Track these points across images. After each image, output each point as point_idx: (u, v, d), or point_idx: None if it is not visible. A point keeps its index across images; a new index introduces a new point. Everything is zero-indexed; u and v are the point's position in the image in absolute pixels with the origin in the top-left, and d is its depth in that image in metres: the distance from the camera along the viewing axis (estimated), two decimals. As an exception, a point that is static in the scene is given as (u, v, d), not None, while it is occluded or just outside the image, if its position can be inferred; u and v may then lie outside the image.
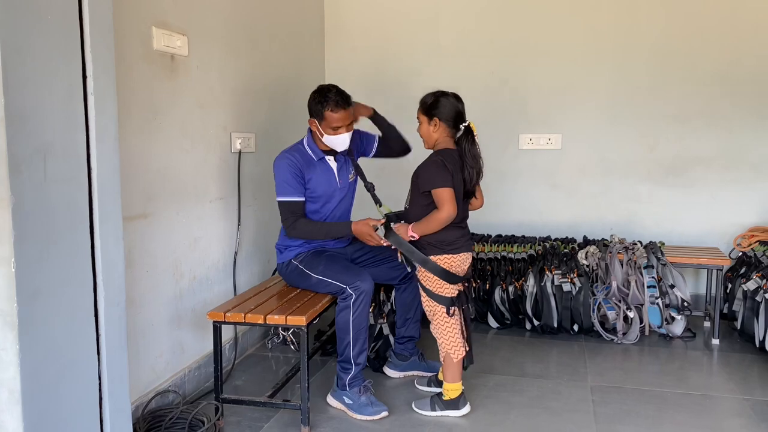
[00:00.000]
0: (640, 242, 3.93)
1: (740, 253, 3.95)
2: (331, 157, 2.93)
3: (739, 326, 3.60)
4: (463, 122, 2.59)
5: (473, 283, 3.74)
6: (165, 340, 2.77)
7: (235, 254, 3.29)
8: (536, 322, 3.74)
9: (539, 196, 4.45)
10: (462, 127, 2.59)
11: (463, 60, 4.44)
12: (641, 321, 3.63)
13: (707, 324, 3.95)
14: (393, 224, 2.67)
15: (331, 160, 2.93)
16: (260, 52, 3.57)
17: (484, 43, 4.40)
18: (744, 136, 4.09)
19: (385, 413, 2.70)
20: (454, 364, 2.67)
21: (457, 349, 2.66)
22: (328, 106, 2.76)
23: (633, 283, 3.64)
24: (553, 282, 3.67)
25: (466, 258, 2.67)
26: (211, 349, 2.76)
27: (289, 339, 3.54)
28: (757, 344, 3.39)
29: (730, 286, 3.81)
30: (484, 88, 4.39)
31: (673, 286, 3.66)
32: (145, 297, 2.63)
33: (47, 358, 1.73)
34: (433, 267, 2.58)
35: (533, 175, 4.44)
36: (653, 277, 3.63)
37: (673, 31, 4.12)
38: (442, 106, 2.59)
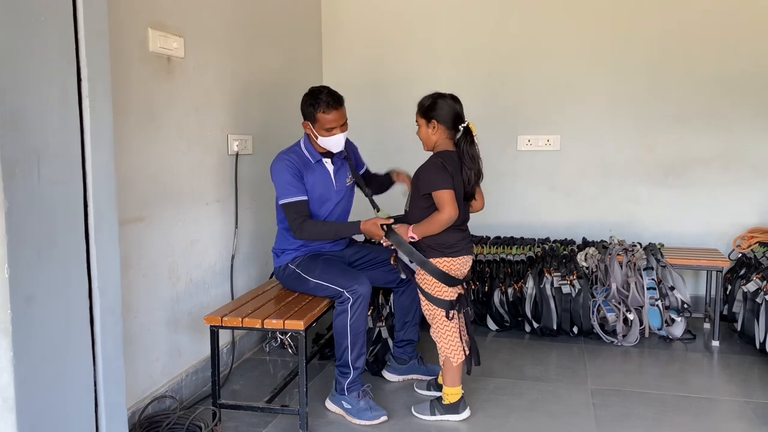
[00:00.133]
0: (640, 244, 3.91)
1: (740, 255, 3.93)
2: (328, 159, 2.91)
3: (739, 328, 3.59)
4: (462, 123, 2.57)
5: (472, 286, 3.72)
6: (162, 344, 2.75)
7: (232, 257, 3.27)
8: (536, 325, 3.72)
9: (538, 198, 4.43)
10: (461, 128, 2.56)
11: (461, 61, 4.42)
12: (641, 323, 3.61)
13: (707, 326, 3.93)
14: (393, 225, 2.65)
15: (328, 163, 2.91)
16: (257, 53, 3.55)
17: (482, 43, 4.38)
18: (743, 137, 4.08)
19: (385, 418, 2.67)
20: (454, 368, 2.64)
21: (457, 352, 2.63)
22: (319, 108, 2.74)
23: (633, 285, 3.62)
24: (552, 284, 3.65)
25: (466, 261, 2.65)
26: (208, 353, 2.74)
27: (287, 342, 3.50)
28: (758, 346, 3.38)
29: (729, 287, 3.79)
30: (481, 89, 4.37)
31: (673, 288, 3.64)
32: (142, 301, 2.60)
33: (42, 364, 1.71)
34: (432, 269, 2.56)
35: (532, 177, 4.43)
36: (653, 279, 3.61)
37: (672, 30, 4.11)
38: (440, 108, 2.57)
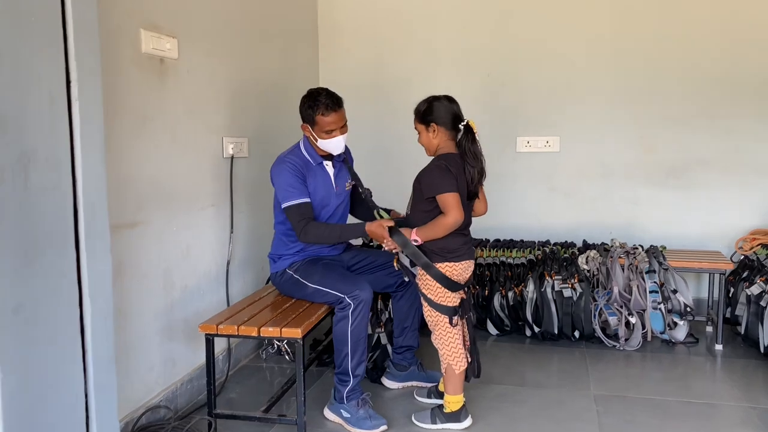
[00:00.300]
0: (641, 246, 3.86)
1: (742, 257, 3.89)
2: (329, 162, 2.85)
3: (743, 331, 3.54)
4: (461, 122, 2.52)
5: (472, 289, 3.67)
6: (156, 352, 2.68)
7: (228, 263, 3.20)
8: (536, 329, 3.67)
9: (537, 200, 4.38)
10: (461, 126, 2.51)
11: (459, 62, 4.37)
12: (643, 327, 3.57)
13: (709, 329, 3.89)
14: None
15: (329, 166, 2.86)
16: (253, 54, 3.49)
17: (482, 44, 4.33)
18: (745, 137, 4.04)
19: (384, 427, 2.61)
20: (456, 375, 2.58)
21: (459, 360, 2.58)
22: (318, 110, 2.69)
23: (635, 289, 3.57)
24: (553, 287, 3.60)
25: (468, 266, 2.59)
26: (203, 360, 2.68)
27: (284, 349, 3.45)
28: (762, 350, 3.34)
29: (732, 290, 3.74)
30: (480, 90, 4.33)
31: (675, 291, 3.59)
32: (135, 308, 2.54)
33: (30, 375, 1.67)
34: (435, 273, 2.50)
35: (531, 179, 4.38)
36: (655, 282, 3.57)
37: (672, 31, 4.06)
38: (437, 110, 2.52)
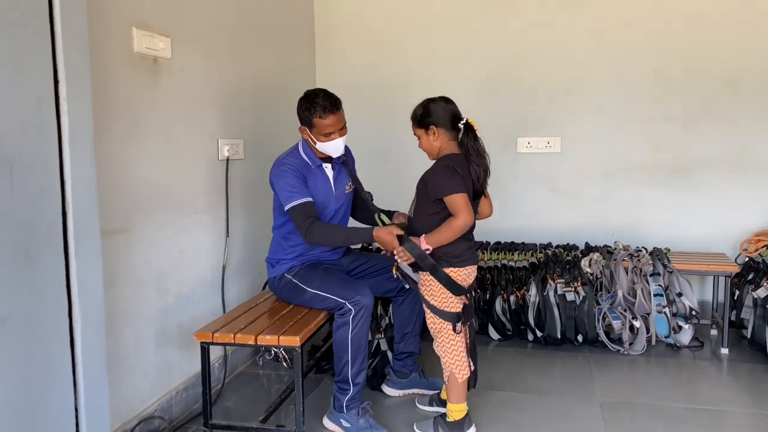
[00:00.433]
0: (645, 249, 3.80)
1: (747, 259, 3.83)
2: (328, 165, 2.78)
3: (749, 335, 3.47)
4: (460, 121, 2.45)
5: (473, 294, 3.59)
6: (150, 361, 2.60)
7: (224, 267, 3.13)
8: (539, 333, 3.60)
9: (538, 202, 4.31)
10: (461, 126, 2.44)
11: (458, 63, 4.30)
12: (648, 331, 3.50)
13: (714, 332, 3.82)
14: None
15: (328, 168, 2.78)
16: (249, 54, 3.41)
17: (479, 45, 4.27)
18: (749, 138, 3.97)
19: (386, 437, 2.54)
20: (459, 384, 2.50)
21: (462, 368, 2.50)
22: (316, 113, 2.61)
23: (639, 292, 3.51)
24: (556, 291, 3.53)
25: (471, 271, 2.52)
26: (198, 368, 2.60)
27: (281, 356, 3.38)
28: (769, 354, 3.29)
29: (737, 292, 3.68)
30: (480, 91, 4.26)
31: (680, 294, 3.53)
32: (128, 315, 2.46)
33: (19, 388, 1.60)
34: (441, 275, 2.42)
35: (532, 180, 4.31)
36: (660, 285, 3.50)
37: (676, 29, 4.00)
38: (434, 112, 2.45)
